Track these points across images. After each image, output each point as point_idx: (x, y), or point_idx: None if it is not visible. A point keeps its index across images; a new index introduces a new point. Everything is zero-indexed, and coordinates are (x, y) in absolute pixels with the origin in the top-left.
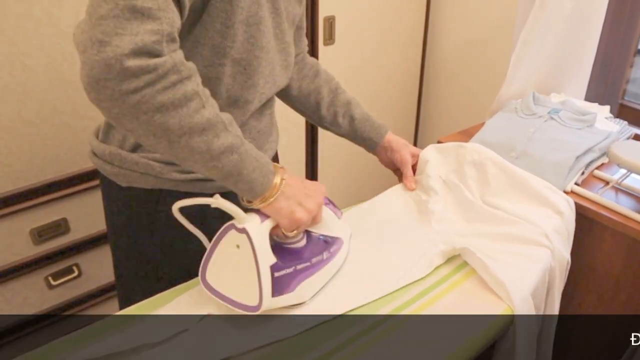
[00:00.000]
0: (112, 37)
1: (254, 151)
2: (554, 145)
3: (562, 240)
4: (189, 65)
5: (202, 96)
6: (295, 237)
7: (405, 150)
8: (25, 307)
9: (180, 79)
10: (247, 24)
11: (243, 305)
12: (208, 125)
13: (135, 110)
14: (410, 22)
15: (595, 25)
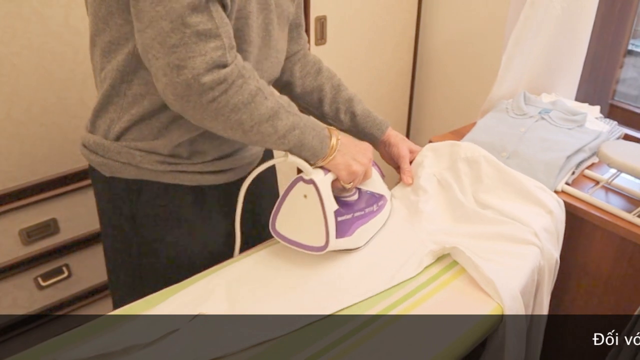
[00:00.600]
0: (187, 61)
1: (311, 122)
2: (544, 145)
3: (552, 239)
4: (248, 66)
5: (263, 89)
6: (351, 191)
7: (402, 144)
8: (15, 308)
9: (245, 80)
10: (236, 17)
11: (311, 247)
12: (272, 113)
13: (215, 114)
14: (402, 22)
15: (586, 26)
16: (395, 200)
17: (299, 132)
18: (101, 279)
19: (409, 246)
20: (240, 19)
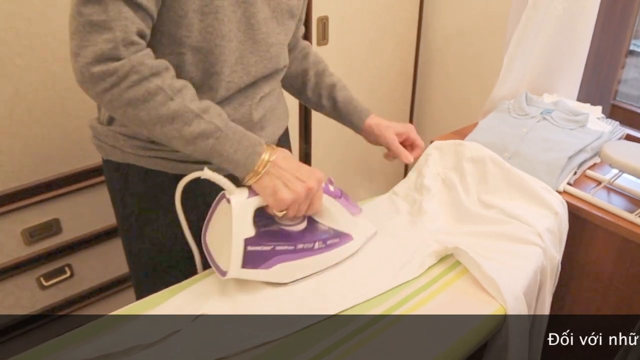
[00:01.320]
0: (80, 49)
1: (238, 135)
2: (546, 146)
3: (554, 240)
4: (152, 64)
5: (167, 90)
6: (290, 219)
7: (388, 132)
8: (17, 308)
9: (141, 78)
10: (202, 13)
11: (218, 268)
12: (176, 115)
13: (110, 106)
14: (403, 22)
15: (587, 26)
16: (397, 198)
17: (213, 141)
18: (103, 279)
19: (411, 246)
20: (209, 14)
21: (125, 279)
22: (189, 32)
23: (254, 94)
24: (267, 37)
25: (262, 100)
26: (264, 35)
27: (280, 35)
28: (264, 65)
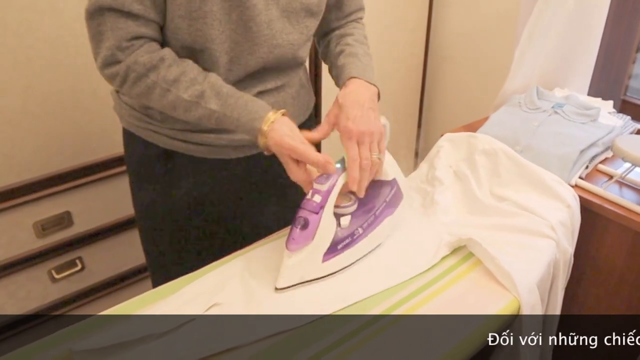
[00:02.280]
0: (95, 55)
1: (238, 111)
2: (558, 140)
3: (567, 233)
4: (146, 60)
5: (162, 84)
6: (344, 201)
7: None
8: (29, 301)
9: (138, 75)
10: (190, 18)
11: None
12: (175, 105)
13: (129, 97)
14: (413, 17)
15: (599, 21)
16: (409, 190)
17: (214, 120)
18: (114, 272)
19: (424, 237)
20: (197, 19)
21: (135, 272)
22: (176, 34)
23: (247, 90)
24: (271, 38)
25: (262, 95)
26: (267, 37)
27: (292, 35)
28: (266, 65)
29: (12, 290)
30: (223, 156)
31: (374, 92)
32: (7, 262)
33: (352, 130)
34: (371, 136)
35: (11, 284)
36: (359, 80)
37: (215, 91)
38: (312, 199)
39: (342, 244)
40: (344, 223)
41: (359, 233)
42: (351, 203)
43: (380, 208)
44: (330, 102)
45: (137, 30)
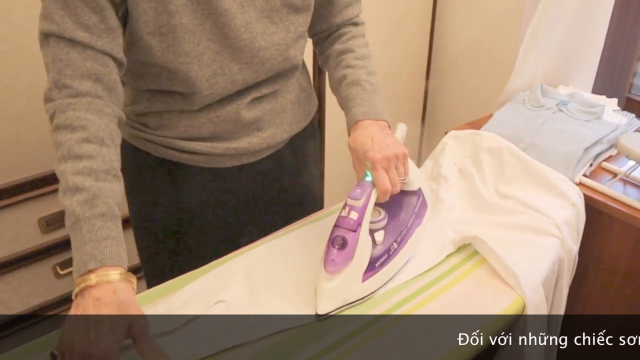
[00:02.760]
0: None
1: (89, 236)
2: (562, 137)
3: (572, 231)
4: (71, 116)
5: (64, 151)
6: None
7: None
8: (33, 296)
9: (55, 126)
10: (160, 34)
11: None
12: (60, 178)
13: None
14: (418, 14)
15: (603, 19)
16: None
17: (69, 222)
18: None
19: (429, 234)
20: (167, 34)
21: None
22: (149, 53)
23: (241, 97)
24: (252, 41)
25: (258, 101)
26: (246, 41)
27: (276, 35)
28: (254, 70)
29: (16, 285)
30: (219, 165)
31: (383, 125)
32: (12, 257)
33: (374, 159)
34: (396, 159)
35: (16, 280)
36: (364, 122)
37: (103, 199)
38: (348, 216)
39: (379, 261)
40: (378, 239)
41: (394, 248)
42: (382, 217)
43: (410, 220)
44: (334, 104)
45: (82, 64)
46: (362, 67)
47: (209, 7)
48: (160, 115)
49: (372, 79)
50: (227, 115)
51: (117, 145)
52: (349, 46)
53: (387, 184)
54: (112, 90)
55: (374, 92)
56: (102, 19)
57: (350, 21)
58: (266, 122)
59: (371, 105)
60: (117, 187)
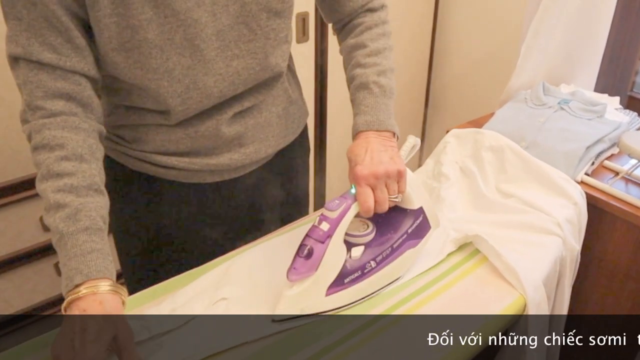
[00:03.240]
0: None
1: (74, 250)
2: (564, 136)
3: (574, 230)
4: (47, 136)
5: (43, 171)
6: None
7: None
8: (35, 294)
9: (34, 146)
10: (125, 49)
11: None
12: (43, 196)
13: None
14: (420, 11)
15: (606, 17)
16: None
17: (55, 239)
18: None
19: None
20: (132, 50)
21: None
22: (116, 69)
23: (220, 112)
24: (224, 51)
25: (240, 116)
26: (218, 50)
27: (254, 43)
28: (230, 82)
29: (18, 283)
30: (198, 180)
31: (387, 137)
32: (14, 255)
33: (358, 175)
34: (387, 177)
35: (17, 278)
36: (366, 133)
37: (86, 214)
38: (319, 227)
39: (349, 278)
40: (355, 254)
41: (370, 267)
42: (367, 232)
43: (399, 240)
44: (336, 105)
45: (52, 85)
46: (372, 65)
47: (177, 19)
48: (137, 128)
49: (383, 80)
50: (205, 130)
51: (99, 159)
52: (361, 40)
53: (369, 202)
54: (88, 106)
55: (383, 95)
56: (68, 38)
57: (364, 7)
58: (249, 137)
59: (376, 113)
60: (101, 200)
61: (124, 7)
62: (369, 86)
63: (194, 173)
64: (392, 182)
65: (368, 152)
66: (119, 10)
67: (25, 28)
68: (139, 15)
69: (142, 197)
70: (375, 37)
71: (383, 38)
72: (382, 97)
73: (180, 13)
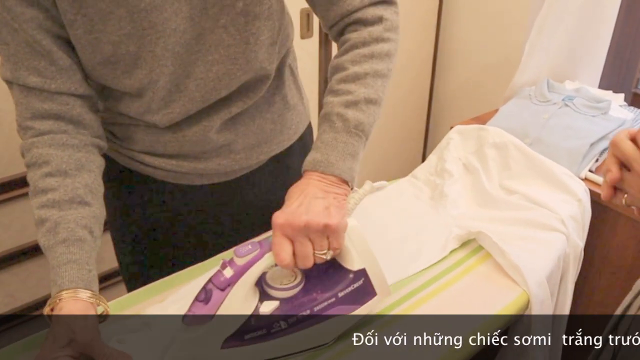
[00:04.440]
0: None
1: (54, 263)
2: (568, 132)
3: (577, 227)
4: (33, 155)
5: (31, 187)
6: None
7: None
8: (39, 288)
9: (26, 165)
10: (111, 62)
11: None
12: (34, 211)
13: None
14: (424, 8)
15: (610, 14)
16: (418, 182)
17: (45, 253)
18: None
19: (433, 230)
20: (117, 62)
21: None
22: (106, 80)
23: (208, 118)
24: (205, 55)
25: (231, 122)
26: (199, 54)
27: (234, 48)
28: (212, 87)
29: (23, 277)
30: (187, 182)
31: (332, 182)
32: (19, 249)
33: (273, 221)
34: (307, 230)
35: (22, 272)
36: (309, 174)
37: (55, 229)
38: (222, 272)
39: (251, 335)
40: (264, 309)
41: (279, 327)
42: (290, 285)
43: (324, 303)
44: None
45: (40, 106)
46: (344, 93)
47: (156, 30)
48: (127, 127)
49: (350, 112)
50: (193, 136)
51: (91, 170)
52: (341, 62)
53: (282, 254)
54: (78, 123)
55: (345, 132)
56: (51, 61)
57: (352, 18)
58: (239, 143)
59: (328, 152)
60: (83, 211)
61: (102, 24)
62: (331, 118)
63: (182, 175)
64: (317, 236)
65: (301, 196)
66: (98, 26)
67: (12, 53)
68: (118, 31)
69: (133, 194)
70: (360, 59)
71: (370, 61)
72: (344, 134)
73: (158, 24)
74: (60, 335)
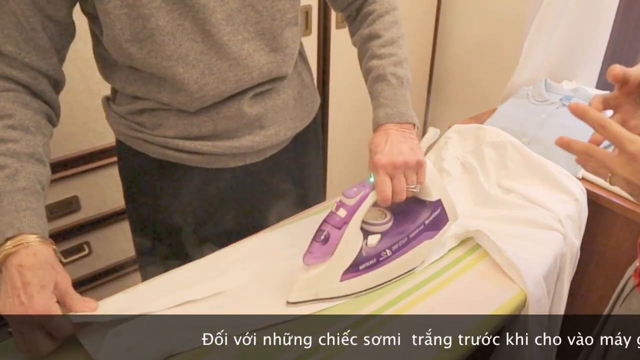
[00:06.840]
0: None
1: (8, 209)
2: (565, 132)
3: (574, 226)
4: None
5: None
6: (375, 218)
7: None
8: None
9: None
10: (139, 39)
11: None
12: None
13: None
14: (423, 7)
15: (608, 13)
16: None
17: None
18: (121, 257)
19: None
20: (146, 39)
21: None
22: (132, 60)
23: (241, 94)
24: (235, 34)
25: (260, 96)
26: (230, 35)
27: (260, 25)
28: (244, 65)
29: None
30: (221, 165)
31: (407, 128)
32: None
33: (376, 163)
34: (405, 167)
35: None
36: (386, 126)
37: (15, 176)
38: (336, 213)
39: (365, 265)
40: (371, 242)
41: (386, 255)
42: (385, 221)
43: (415, 231)
44: (337, 98)
45: (9, 72)
46: (388, 55)
47: (184, 4)
48: (157, 114)
49: (399, 70)
50: (228, 111)
51: (46, 135)
52: (374, 30)
53: (386, 190)
54: (41, 97)
55: (401, 87)
56: (31, 37)
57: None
58: (269, 119)
59: (395, 105)
60: (41, 169)
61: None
62: (386, 78)
63: (216, 158)
64: (410, 173)
65: (388, 142)
66: (128, 1)
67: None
68: (149, 4)
69: (164, 186)
70: (388, 25)
71: (395, 26)
72: (400, 89)
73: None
74: (46, 280)
